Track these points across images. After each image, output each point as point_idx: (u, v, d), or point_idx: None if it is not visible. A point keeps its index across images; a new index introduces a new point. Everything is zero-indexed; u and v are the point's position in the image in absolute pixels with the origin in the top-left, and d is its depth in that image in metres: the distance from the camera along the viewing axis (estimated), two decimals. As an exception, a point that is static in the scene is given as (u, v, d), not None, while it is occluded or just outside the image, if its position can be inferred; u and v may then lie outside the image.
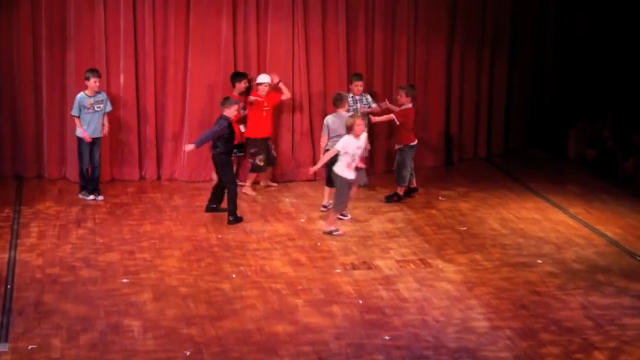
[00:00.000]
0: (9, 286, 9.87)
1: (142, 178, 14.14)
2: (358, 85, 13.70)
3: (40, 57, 13.81)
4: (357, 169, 11.79)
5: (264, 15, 14.11)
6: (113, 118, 13.72)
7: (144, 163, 14.19)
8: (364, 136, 11.85)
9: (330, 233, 11.79)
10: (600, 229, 12.17)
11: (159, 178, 14.27)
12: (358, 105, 13.66)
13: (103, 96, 13.00)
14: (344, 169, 11.67)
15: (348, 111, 13.10)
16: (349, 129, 11.64)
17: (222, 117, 12.27)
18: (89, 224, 12.07)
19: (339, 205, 11.92)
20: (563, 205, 13.21)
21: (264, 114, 13.54)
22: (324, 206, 12.76)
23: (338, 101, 12.81)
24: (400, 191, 13.30)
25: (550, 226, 12.35)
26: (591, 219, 12.62)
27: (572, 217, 12.73)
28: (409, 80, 14.75)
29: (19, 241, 11.35)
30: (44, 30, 13.70)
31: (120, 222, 12.19)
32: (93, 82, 12.79)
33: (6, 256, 10.81)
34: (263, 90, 13.46)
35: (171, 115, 14.03)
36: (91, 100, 12.84)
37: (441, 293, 9.97)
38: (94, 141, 12.97)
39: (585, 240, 11.80)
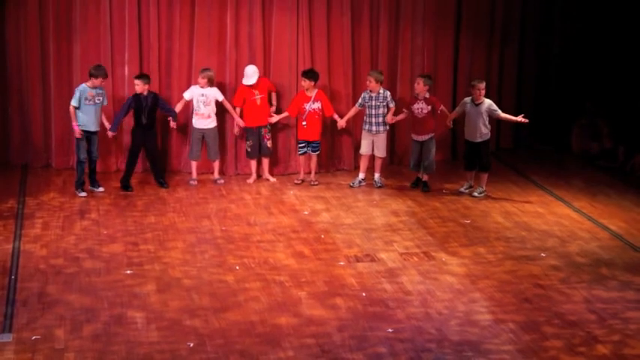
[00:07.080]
0: (13, 277, 9.90)
1: (145, 169, 14.14)
2: (372, 81, 13.57)
3: (48, 49, 13.86)
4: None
5: (268, 8, 14.08)
6: (119, 109, 13.75)
7: (148, 155, 14.20)
8: None
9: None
10: (604, 223, 12.17)
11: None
12: (374, 102, 13.61)
13: (102, 90, 12.94)
14: None
15: (363, 107, 13.58)
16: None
17: None
18: (93, 215, 12.09)
19: None
20: (567, 199, 13.21)
21: (259, 102, 13.56)
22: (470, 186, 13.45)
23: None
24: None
25: (554, 219, 12.34)
26: (595, 213, 12.61)
27: (576, 210, 12.72)
28: (414, 73, 14.72)
29: (23, 232, 11.37)
30: (51, 22, 13.75)
31: (124, 213, 12.20)
32: (100, 81, 12.77)
33: (10, 246, 10.84)
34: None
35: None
36: (93, 92, 12.75)
37: (444, 286, 9.98)
38: (92, 134, 12.85)
39: (589, 234, 11.79)
